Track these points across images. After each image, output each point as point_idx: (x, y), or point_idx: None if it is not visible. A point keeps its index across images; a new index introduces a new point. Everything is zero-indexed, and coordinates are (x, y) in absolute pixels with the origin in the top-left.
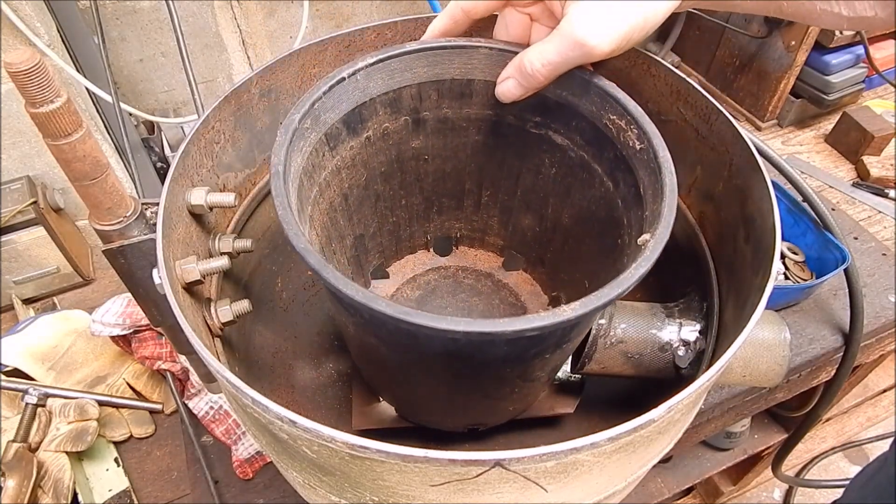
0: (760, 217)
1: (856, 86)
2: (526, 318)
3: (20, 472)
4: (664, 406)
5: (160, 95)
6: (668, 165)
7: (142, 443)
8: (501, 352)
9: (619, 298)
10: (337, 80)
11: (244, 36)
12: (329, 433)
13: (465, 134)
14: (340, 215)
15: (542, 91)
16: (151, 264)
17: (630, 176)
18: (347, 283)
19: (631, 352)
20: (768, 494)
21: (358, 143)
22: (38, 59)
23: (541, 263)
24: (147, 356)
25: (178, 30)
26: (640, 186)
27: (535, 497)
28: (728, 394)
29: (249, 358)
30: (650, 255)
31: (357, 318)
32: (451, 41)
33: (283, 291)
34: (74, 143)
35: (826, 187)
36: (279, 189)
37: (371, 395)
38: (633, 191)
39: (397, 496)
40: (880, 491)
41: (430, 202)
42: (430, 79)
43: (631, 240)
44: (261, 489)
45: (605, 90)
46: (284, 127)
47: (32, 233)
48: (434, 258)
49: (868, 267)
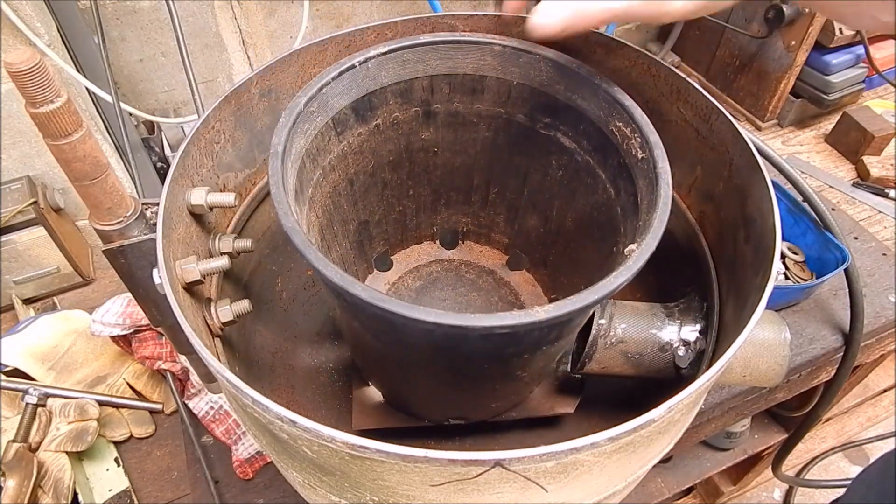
0: (760, 217)
1: (856, 86)
2: (497, 315)
3: (20, 472)
4: (664, 406)
5: (160, 95)
6: (665, 177)
7: (142, 443)
8: (477, 347)
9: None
10: (347, 66)
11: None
12: (329, 433)
13: (475, 129)
14: (345, 199)
15: (552, 92)
16: (151, 264)
17: (630, 185)
18: (328, 266)
19: (631, 352)
20: (768, 494)
21: (366, 130)
22: (39, 59)
23: (543, 265)
24: (147, 356)
25: (179, 30)
26: (639, 196)
27: (535, 497)
28: (728, 394)
29: (249, 358)
30: (632, 264)
31: (342, 302)
32: (465, 36)
33: (283, 291)
34: (74, 143)
35: (826, 187)
36: (275, 168)
37: (371, 395)
38: (631, 199)
39: (397, 496)
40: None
41: (438, 194)
42: (443, 72)
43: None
44: (261, 489)
45: (614, 96)
46: (289, 109)
47: (32, 233)
48: (439, 250)
49: (868, 267)
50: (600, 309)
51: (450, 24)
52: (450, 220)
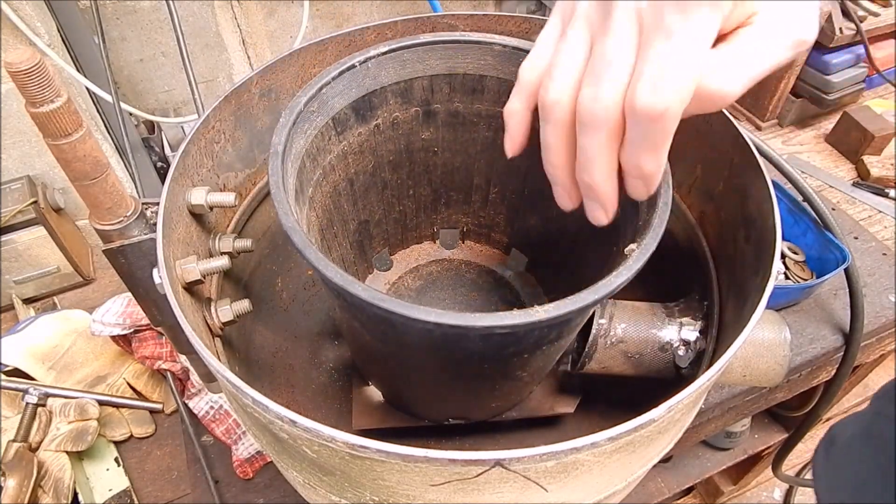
0: (761, 217)
1: (856, 85)
2: (497, 315)
3: (21, 472)
4: (664, 406)
5: (160, 95)
6: (666, 177)
7: (142, 442)
8: (476, 347)
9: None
10: (347, 66)
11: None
12: (329, 433)
13: (475, 129)
14: (345, 199)
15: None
16: (152, 264)
17: None
18: (328, 266)
19: (631, 351)
20: (768, 494)
21: (366, 130)
22: (39, 58)
23: (544, 265)
24: (147, 356)
25: (179, 30)
26: None
27: (535, 497)
28: (728, 394)
29: (249, 358)
30: (632, 264)
31: (342, 302)
32: (465, 36)
33: (283, 291)
34: (74, 142)
35: (826, 187)
36: (275, 168)
37: (371, 394)
38: (631, 199)
39: (397, 496)
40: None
41: (438, 194)
42: (443, 72)
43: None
44: (261, 489)
45: None
46: (289, 108)
47: (33, 233)
48: (439, 250)
49: (868, 266)
50: (600, 309)
51: (450, 24)
52: (450, 220)
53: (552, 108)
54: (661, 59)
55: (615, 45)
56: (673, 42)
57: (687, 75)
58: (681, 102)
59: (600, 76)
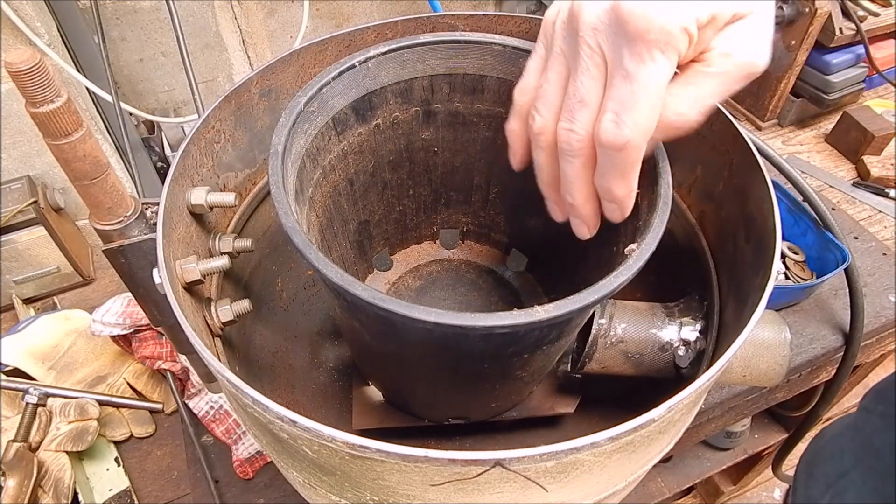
0: (761, 217)
1: (856, 85)
2: (497, 315)
3: (21, 472)
4: (664, 406)
5: (160, 95)
6: (665, 177)
7: (142, 442)
8: (476, 347)
9: (598, 304)
10: (347, 66)
11: (244, 35)
12: (329, 433)
13: (475, 129)
14: (345, 199)
15: None
16: (152, 264)
17: None
18: (328, 266)
19: (631, 351)
20: (768, 494)
21: (366, 130)
22: (39, 58)
23: (544, 265)
24: (147, 356)
25: (179, 29)
26: (639, 196)
27: (535, 497)
28: (728, 393)
29: (249, 358)
30: (632, 264)
31: (342, 302)
32: (466, 36)
33: (283, 291)
34: (74, 142)
35: (826, 187)
36: (275, 168)
37: (371, 394)
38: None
39: (397, 496)
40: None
41: (439, 194)
42: (443, 72)
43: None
44: (261, 489)
45: None
46: (289, 109)
47: (33, 232)
48: (439, 250)
49: (868, 266)
50: (600, 309)
51: (450, 24)
52: (450, 220)
53: (538, 136)
54: (622, 97)
55: (585, 83)
56: (632, 85)
57: (645, 112)
58: (642, 135)
59: (573, 112)
